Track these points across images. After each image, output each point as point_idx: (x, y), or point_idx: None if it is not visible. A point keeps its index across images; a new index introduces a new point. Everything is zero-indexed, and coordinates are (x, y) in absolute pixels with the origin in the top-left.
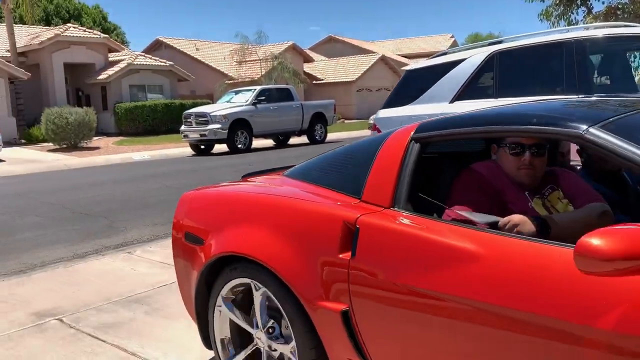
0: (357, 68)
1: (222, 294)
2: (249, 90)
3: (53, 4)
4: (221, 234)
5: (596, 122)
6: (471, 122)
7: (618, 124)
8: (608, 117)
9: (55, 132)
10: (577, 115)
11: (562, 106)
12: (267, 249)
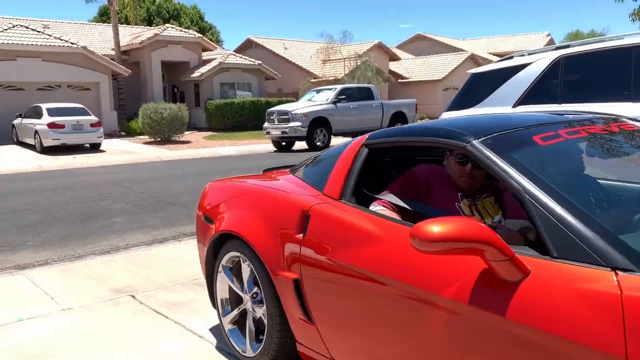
0: (445, 67)
1: (222, 262)
2: (330, 89)
3: (155, 5)
4: (224, 216)
5: (478, 136)
6: (403, 133)
7: (496, 139)
8: (490, 133)
9: (151, 126)
10: (470, 129)
11: (477, 120)
12: (249, 229)
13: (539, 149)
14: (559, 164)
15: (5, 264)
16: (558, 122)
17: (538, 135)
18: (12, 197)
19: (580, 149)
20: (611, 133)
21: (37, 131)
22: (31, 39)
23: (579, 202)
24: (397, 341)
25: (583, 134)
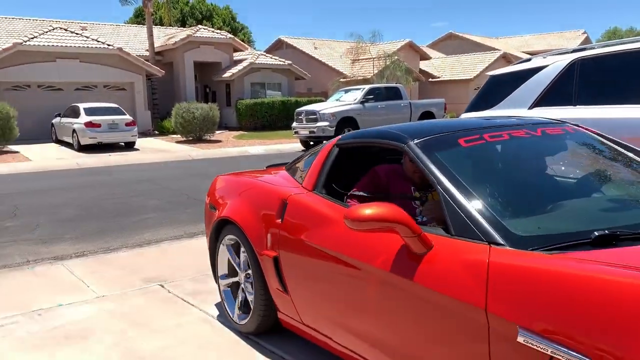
0: (476, 65)
1: (223, 242)
2: (358, 89)
3: (188, 6)
4: (224, 205)
5: (414, 139)
6: (364, 135)
7: (427, 141)
8: (425, 136)
9: (183, 125)
10: (410, 133)
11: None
12: (242, 216)
13: (460, 150)
14: (474, 161)
15: (45, 254)
16: (489, 126)
17: (463, 138)
18: (51, 193)
19: (497, 149)
20: (532, 136)
21: (75, 130)
22: (70, 41)
23: (477, 193)
24: (347, 304)
25: (505, 137)
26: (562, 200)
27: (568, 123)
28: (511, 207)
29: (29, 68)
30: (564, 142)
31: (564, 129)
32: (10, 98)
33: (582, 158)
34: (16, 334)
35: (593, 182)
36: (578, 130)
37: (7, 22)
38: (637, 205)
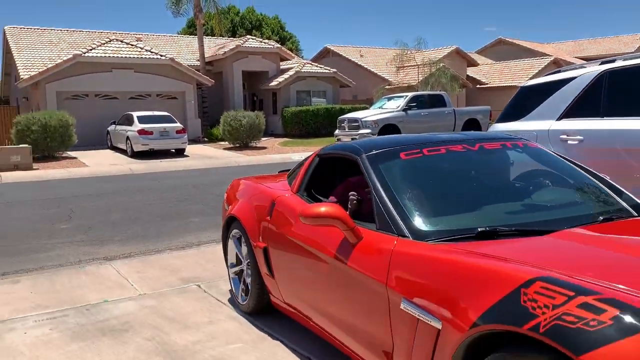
0: (526, 72)
1: (230, 236)
2: (401, 97)
3: (238, 16)
4: (234, 204)
5: (365, 152)
6: (336, 148)
7: (375, 154)
8: (374, 150)
9: (231, 133)
10: (365, 147)
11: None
12: (244, 214)
13: (398, 162)
14: (407, 171)
15: (96, 255)
16: (431, 142)
17: (405, 152)
18: (104, 197)
19: (431, 161)
20: (467, 150)
21: (129, 137)
22: (125, 52)
23: (400, 197)
24: (312, 286)
25: (442, 151)
26: (474, 203)
27: (522, 139)
28: (425, 208)
29: (87, 78)
30: (498, 156)
31: (503, 144)
32: (70, 107)
33: (511, 169)
34: (66, 325)
35: (512, 189)
36: (524, 145)
37: (68, 34)
38: (536, 209)
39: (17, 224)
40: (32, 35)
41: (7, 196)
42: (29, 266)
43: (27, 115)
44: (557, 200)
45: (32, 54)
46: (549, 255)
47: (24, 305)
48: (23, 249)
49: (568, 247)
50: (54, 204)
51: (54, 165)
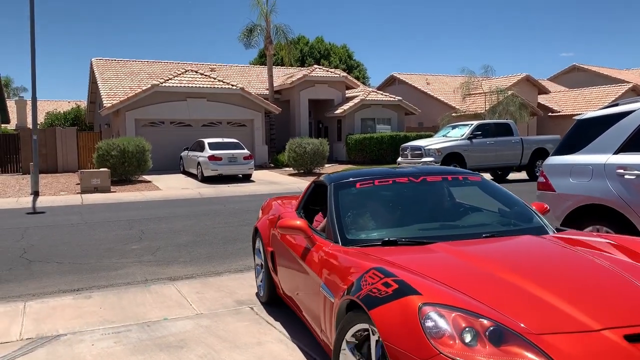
0: (602, 99)
1: (256, 243)
2: (466, 125)
3: (307, 46)
4: (261, 217)
5: (333, 182)
6: (323, 177)
7: (338, 183)
8: (338, 180)
9: (295, 159)
10: (334, 178)
11: (347, 172)
12: (262, 226)
13: (353, 190)
14: (357, 198)
15: (161, 275)
16: (383, 174)
17: (360, 182)
18: (174, 220)
19: (377, 190)
20: (411, 182)
21: (200, 162)
22: (198, 82)
23: (343, 216)
24: (293, 278)
25: (389, 182)
26: (398, 222)
27: (465, 173)
28: (356, 224)
29: (164, 106)
30: (436, 187)
31: (444, 177)
32: (147, 133)
33: (443, 196)
34: (128, 339)
35: (433, 211)
36: (463, 179)
37: (147, 65)
38: (440, 227)
39: (93, 244)
40: (115, 67)
41: (87, 217)
42: (100, 283)
43: (108, 141)
44: (462, 220)
45: (114, 83)
46: (406, 257)
47: (93, 319)
48: (97, 267)
49: (426, 252)
50: (127, 226)
51: (130, 188)
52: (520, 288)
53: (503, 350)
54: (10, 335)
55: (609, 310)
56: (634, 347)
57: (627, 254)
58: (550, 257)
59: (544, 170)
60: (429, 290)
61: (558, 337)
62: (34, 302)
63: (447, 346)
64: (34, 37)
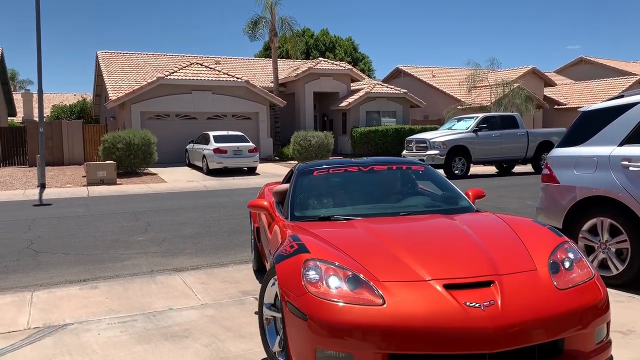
0: (608, 92)
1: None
2: (471, 118)
3: (312, 39)
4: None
5: (298, 169)
6: None
7: (301, 170)
8: (303, 168)
9: (300, 152)
10: (301, 166)
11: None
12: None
13: (311, 177)
14: (313, 183)
15: (167, 266)
16: (336, 164)
17: (317, 170)
18: (179, 212)
19: (330, 177)
20: (360, 171)
21: (205, 155)
22: (204, 74)
23: (298, 197)
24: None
25: (342, 171)
26: (339, 203)
27: (409, 163)
28: (303, 204)
29: (169, 99)
30: (382, 175)
31: (389, 167)
32: (152, 126)
33: (387, 183)
34: (134, 329)
35: (373, 195)
36: (407, 168)
37: (153, 58)
38: (372, 208)
39: (99, 235)
40: (120, 59)
41: (93, 209)
42: (106, 274)
43: (113, 133)
44: (394, 202)
45: (120, 76)
46: (326, 229)
47: (99, 309)
48: (103, 258)
49: (344, 226)
50: (133, 217)
51: (136, 180)
52: (391, 252)
53: (354, 292)
54: (18, 325)
55: (442, 267)
56: (447, 292)
57: (499, 228)
58: (432, 230)
59: (548, 162)
60: (317, 250)
61: (396, 283)
62: (41, 292)
63: (315, 287)
64: (39, 29)
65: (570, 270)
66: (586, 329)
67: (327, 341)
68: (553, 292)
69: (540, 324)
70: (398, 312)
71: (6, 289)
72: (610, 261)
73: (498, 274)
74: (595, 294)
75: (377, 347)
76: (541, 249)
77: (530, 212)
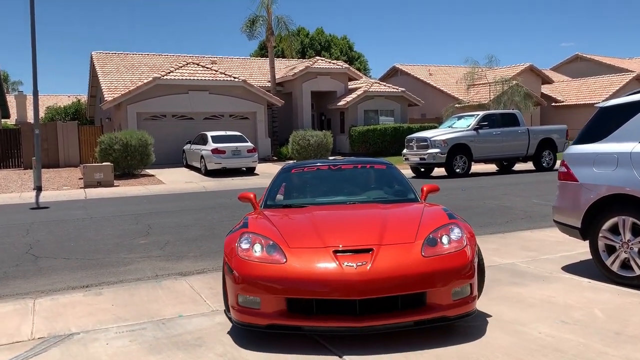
0: (605, 89)
1: None
2: (472, 116)
3: (308, 38)
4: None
5: (282, 167)
6: None
7: (284, 169)
8: (288, 167)
9: (299, 151)
10: (286, 165)
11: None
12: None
13: (288, 174)
14: (290, 179)
15: (171, 270)
16: (310, 165)
17: (294, 169)
18: (180, 214)
19: (304, 174)
20: (330, 169)
21: (203, 156)
22: (200, 74)
23: (274, 191)
24: None
25: (313, 169)
26: (305, 195)
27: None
28: (275, 195)
29: (165, 99)
30: (349, 172)
31: (355, 166)
32: (149, 127)
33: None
34: (144, 338)
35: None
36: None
37: (148, 58)
38: (331, 198)
39: (100, 239)
40: (115, 60)
41: (91, 211)
42: (110, 279)
43: (110, 134)
44: (350, 194)
45: (115, 77)
46: (279, 213)
47: (106, 317)
48: (105, 263)
49: (296, 212)
50: (133, 220)
51: (133, 182)
52: (312, 228)
53: (270, 255)
54: (22, 335)
55: (339, 239)
56: (334, 255)
57: (411, 214)
58: (355, 214)
59: (565, 160)
60: (254, 226)
61: (300, 249)
62: (43, 299)
63: (243, 252)
64: (34, 29)
65: (445, 245)
66: (443, 287)
67: (244, 288)
68: (417, 259)
69: (401, 281)
70: (293, 269)
71: (7, 296)
72: (632, 261)
73: (380, 244)
74: (456, 262)
75: (278, 293)
76: (427, 228)
77: (537, 211)
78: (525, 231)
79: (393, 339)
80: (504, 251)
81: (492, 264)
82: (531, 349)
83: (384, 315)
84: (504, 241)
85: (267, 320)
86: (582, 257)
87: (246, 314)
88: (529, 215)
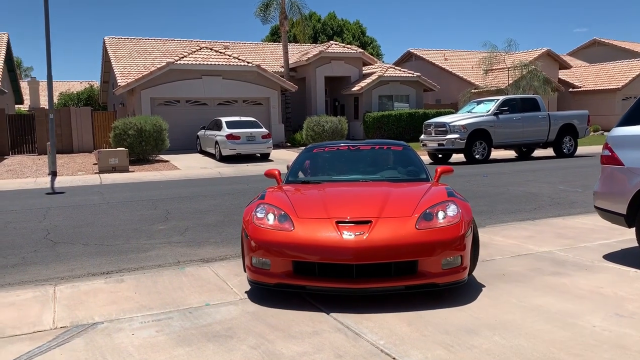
0: (624, 74)
1: None
2: (491, 101)
3: (320, 23)
4: None
5: (306, 147)
6: None
7: (308, 148)
8: (312, 146)
9: (313, 137)
10: (310, 145)
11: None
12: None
13: (310, 153)
14: (312, 158)
15: (193, 256)
16: (331, 145)
17: (316, 149)
18: (198, 199)
19: (324, 154)
20: (349, 149)
21: (217, 142)
22: (214, 59)
23: (297, 167)
24: None
25: (335, 149)
26: (326, 172)
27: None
28: (297, 172)
29: (179, 85)
30: (366, 153)
31: (372, 147)
32: (162, 112)
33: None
34: (171, 328)
35: (355, 168)
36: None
37: (161, 43)
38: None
39: (118, 224)
40: (128, 45)
41: (108, 197)
42: (130, 265)
43: (124, 120)
44: (365, 173)
45: (128, 62)
46: (297, 188)
47: (129, 305)
48: (125, 249)
49: (312, 188)
50: (150, 205)
51: (148, 167)
52: (322, 202)
53: (280, 223)
54: (43, 324)
55: (343, 212)
56: (336, 225)
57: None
58: (364, 191)
59: (608, 143)
60: (270, 198)
61: (307, 219)
62: (63, 286)
63: (258, 220)
64: (47, 14)
65: (440, 219)
66: (434, 257)
67: (257, 252)
68: (411, 231)
69: (394, 250)
70: (299, 236)
71: (26, 282)
72: None
73: (379, 217)
74: (447, 235)
75: (285, 256)
76: (426, 204)
77: (564, 197)
78: (555, 218)
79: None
80: (539, 239)
81: (529, 252)
82: (589, 344)
83: (378, 280)
84: (537, 228)
85: (275, 279)
86: (622, 245)
87: (258, 273)
88: (557, 202)
